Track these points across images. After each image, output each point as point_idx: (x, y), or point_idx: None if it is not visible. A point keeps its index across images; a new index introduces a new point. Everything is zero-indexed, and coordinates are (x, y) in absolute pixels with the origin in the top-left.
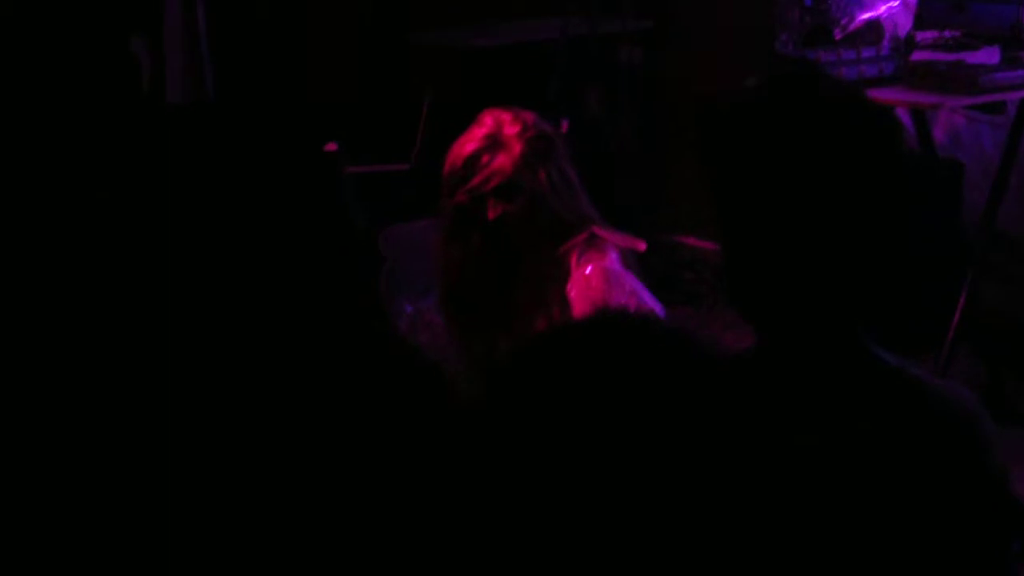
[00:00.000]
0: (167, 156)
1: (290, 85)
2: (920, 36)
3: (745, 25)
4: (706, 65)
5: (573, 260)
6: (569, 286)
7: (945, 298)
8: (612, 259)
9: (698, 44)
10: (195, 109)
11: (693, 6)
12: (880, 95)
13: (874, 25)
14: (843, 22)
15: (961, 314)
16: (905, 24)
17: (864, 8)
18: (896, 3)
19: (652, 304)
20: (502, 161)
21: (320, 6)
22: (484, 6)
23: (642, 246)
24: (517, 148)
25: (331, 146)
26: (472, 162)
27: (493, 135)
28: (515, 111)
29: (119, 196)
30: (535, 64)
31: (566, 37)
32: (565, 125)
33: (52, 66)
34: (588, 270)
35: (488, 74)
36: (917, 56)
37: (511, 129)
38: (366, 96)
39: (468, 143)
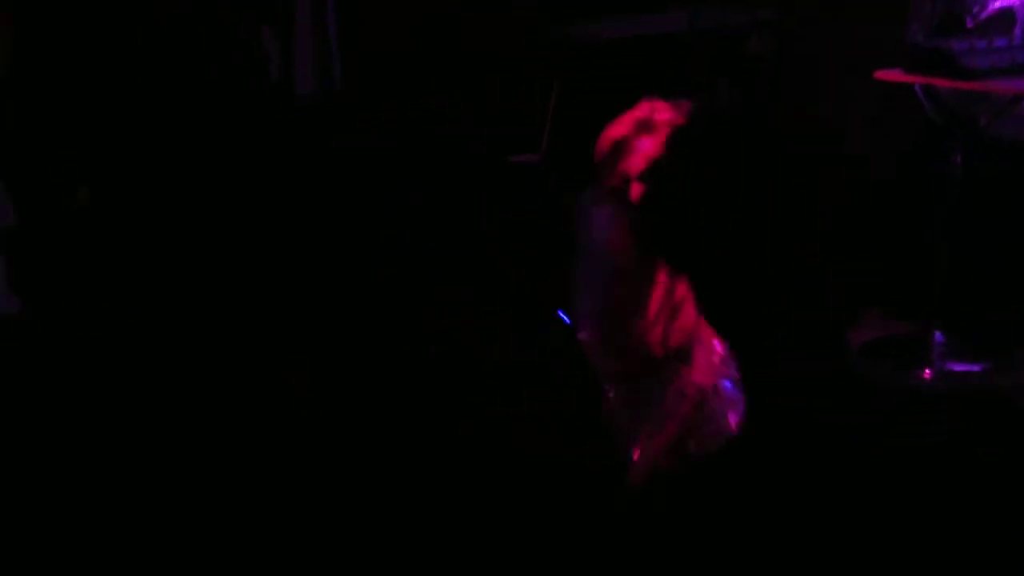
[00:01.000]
0: (297, 145)
1: (419, 75)
2: None
3: (875, 15)
4: (834, 56)
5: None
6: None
7: None
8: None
9: (827, 35)
10: (324, 99)
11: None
12: (1013, 85)
13: (1007, 14)
14: (975, 10)
15: None
16: None
17: None
18: None
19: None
20: (648, 144)
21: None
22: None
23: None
24: (664, 133)
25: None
26: (621, 145)
27: (644, 120)
28: (674, 101)
29: (253, 183)
30: (664, 56)
31: (694, 28)
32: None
33: (187, 58)
34: (717, 346)
35: (617, 66)
36: None
37: (662, 116)
38: (494, 86)
39: (619, 126)
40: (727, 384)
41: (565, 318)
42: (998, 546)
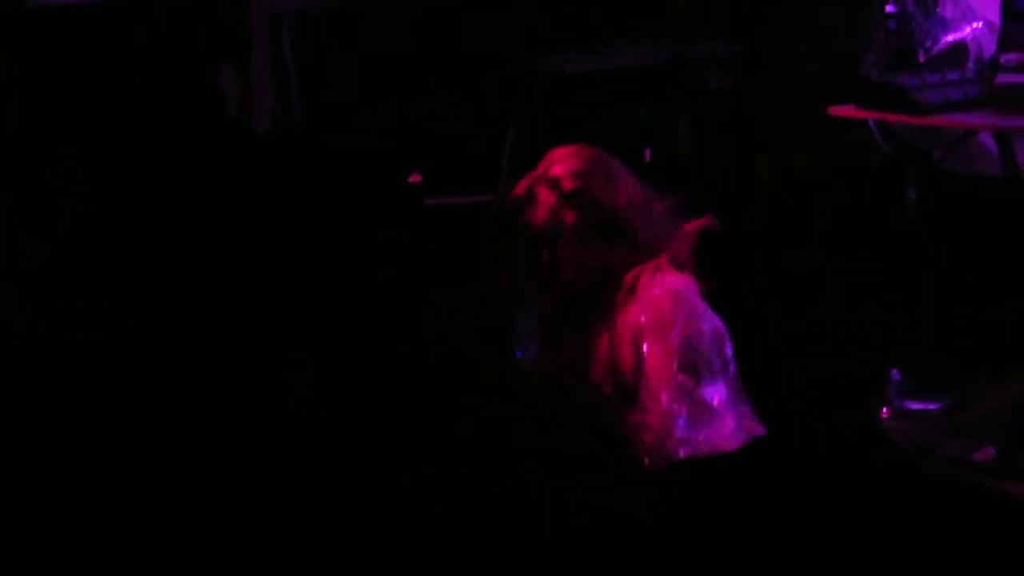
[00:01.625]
0: (254, 185)
1: (377, 114)
2: (1004, 58)
3: (833, 49)
4: (793, 90)
5: (643, 283)
6: (639, 309)
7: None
8: (681, 282)
9: (786, 69)
10: (281, 139)
11: (782, 31)
12: (965, 119)
13: (959, 48)
14: (927, 45)
15: None
16: (990, 46)
17: (949, 31)
18: (980, 25)
19: (716, 324)
20: (535, 211)
21: (404, 32)
22: (573, 32)
23: (715, 225)
24: (548, 196)
25: (415, 177)
26: (519, 207)
27: (535, 179)
28: (574, 148)
29: (207, 221)
30: (625, 90)
31: (656, 63)
32: (648, 154)
33: (140, 97)
34: (657, 292)
35: (577, 100)
36: (1002, 79)
37: (554, 170)
38: (455, 123)
39: (520, 185)
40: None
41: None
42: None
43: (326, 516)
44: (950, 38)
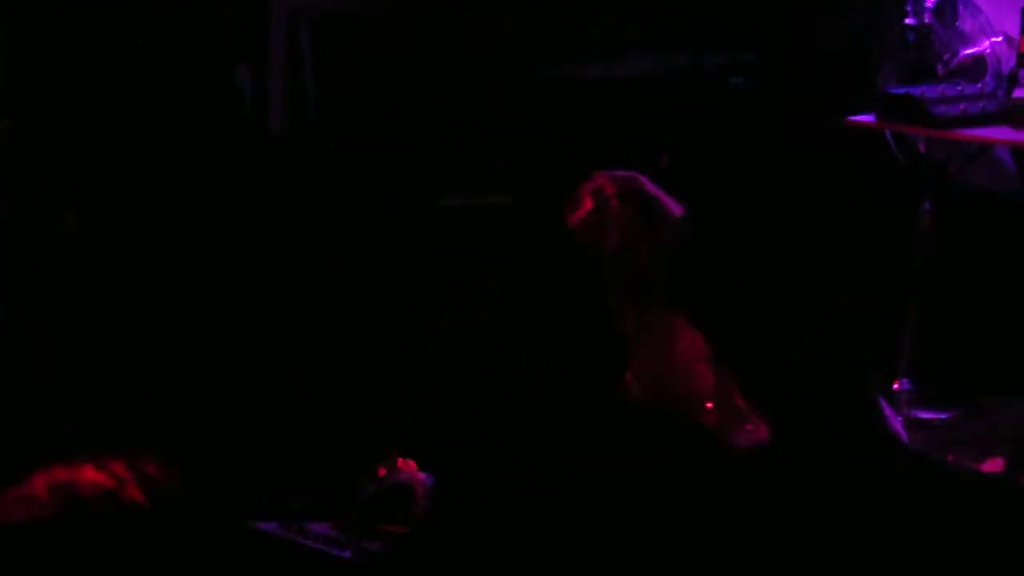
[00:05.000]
0: (269, 185)
1: (391, 115)
2: (1023, 73)
3: (850, 59)
4: (811, 98)
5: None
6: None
7: None
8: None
9: (802, 77)
10: (297, 140)
11: (799, 39)
12: (982, 133)
13: (978, 61)
14: (946, 57)
15: None
16: (1009, 60)
17: (967, 43)
18: (1000, 39)
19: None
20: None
21: (419, 35)
22: (588, 38)
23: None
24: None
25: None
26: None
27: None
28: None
29: (223, 222)
30: (642, 95)
31: (670, 70)
32: (664, 160)
33: (158, 97)
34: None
35: (591, 107)
36: (1019, 93)
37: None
38: (471, 126)
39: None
40: None
41: None
42: None
43: (325, 514)
44: (969, 51)
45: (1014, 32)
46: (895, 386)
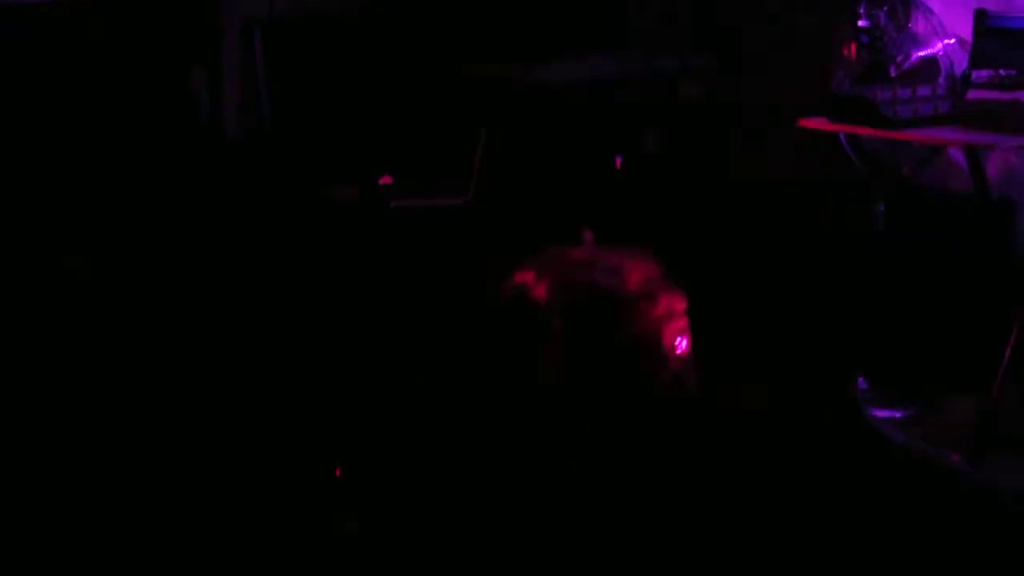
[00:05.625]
0: (225, 188)
1: (348, 118)
2: (976, 75)
3: (806, 61)
4: (764, 102)
5: None
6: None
7: (995, 337)
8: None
9: (758, 81)
10: (252, 143)
11: (754, 43)
12: (935, 134)
13: (930, 63)
14: (899, 59)
15: (1011, 354)
16: (961, 62)
17: (920, 46)
18: (952, 41)
19: None
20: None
21: (373, 38)
22: (544, 40)
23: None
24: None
25: (386, 179)
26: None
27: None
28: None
29: (179, 226)
30: (595, 99)
31: (624, 73)
32: (619, 162)
33: (112, 101)
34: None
35: (548, 109)
36: (973, 95)
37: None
38: (422, 129)
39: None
40: None
41: None
42: None
43: (322, 515)
44: (921, 53)
45: (966, 34)
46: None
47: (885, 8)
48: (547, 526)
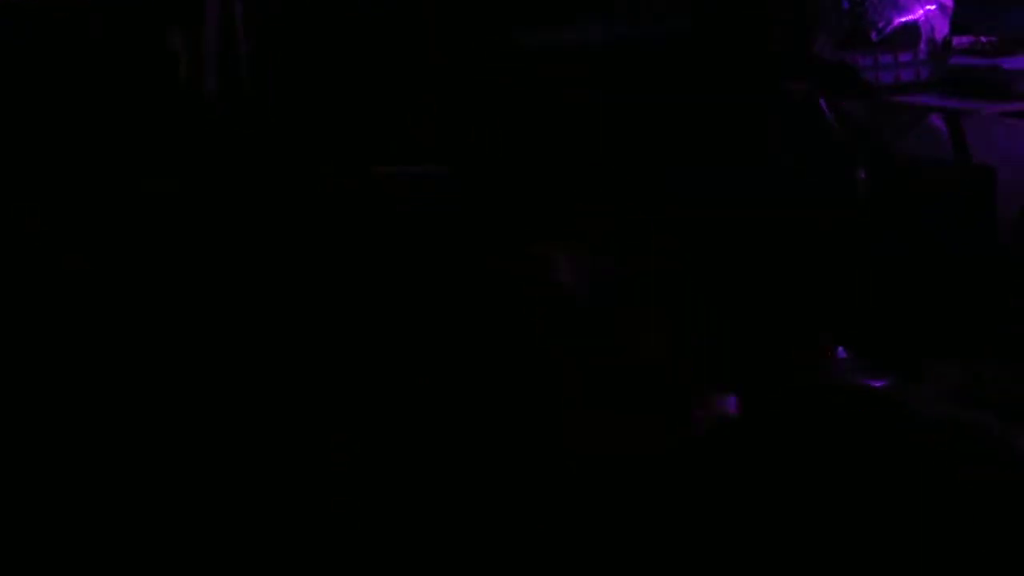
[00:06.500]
0: (203, 147)
1: (331, 81)
2: (957, 41)
3: (786, 27)
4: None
5: None
6: None
7: (977, 305)
8: None
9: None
10: (230, 102)
11: (732, 7)
12: (916, 100)
13: (911, 29)
14: (880, 25)
15: (993, 322)
16: (942, 28)
17: (901, 12)
18: (933, 7)
19: None
20: None
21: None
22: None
23: None
24: None
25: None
26: None
27: None
28: None
29: (159, 185)
30: (579, 65)
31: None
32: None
33: (90, 59)
34: None
35: (535, 73)
36: (953, 61)
37: None
38: (404, 94)
39: None
40: None
41: None
42: None
43: (324, 515)
44: (903, 19)
45: (947, 0)
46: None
47: None
48: (549, 515)
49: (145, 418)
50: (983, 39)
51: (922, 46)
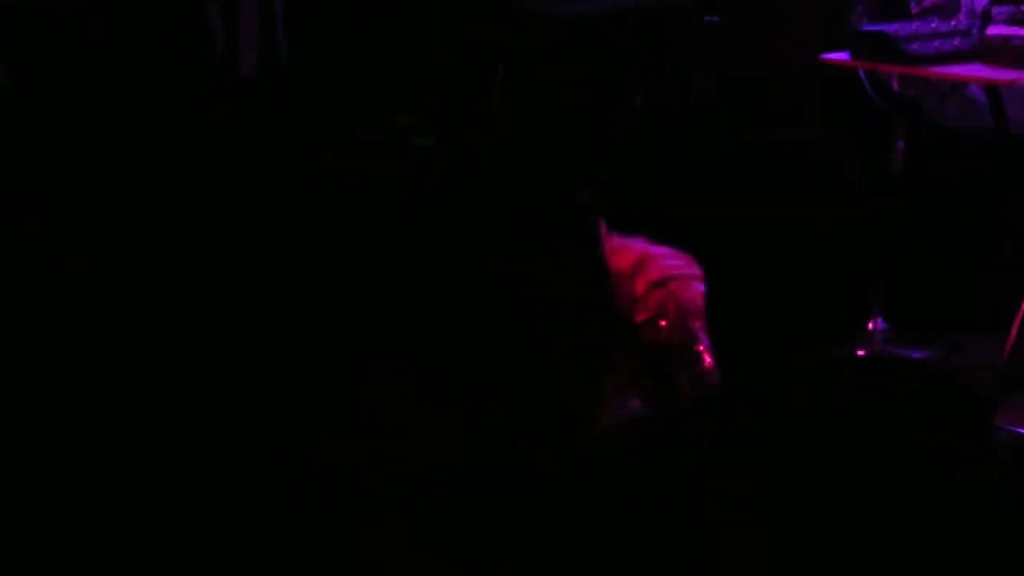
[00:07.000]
0: (240, 123)
1: (367, 53)
2: (996, 10)
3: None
4: (780, 36)
5: None
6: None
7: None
8: None
9: (777, 14)
10: (268, 78)
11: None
12: (955, 71)
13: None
14: None
15: None
16: None
17: None
18: None
19: None
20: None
21: None
22: None
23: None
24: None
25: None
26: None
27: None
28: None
29: (194, 163)
30: (610, 33)
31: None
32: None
33: (127, 36)
34: None
35: (561, 42)
36: (993, 31)
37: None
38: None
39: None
40: None
41: None
42: None
43: (321, 515)
44: None
45: None
46: (869, 326)
47: None
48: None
49: (145, 418)
50: (1023, 9)
51: (962, 16)
